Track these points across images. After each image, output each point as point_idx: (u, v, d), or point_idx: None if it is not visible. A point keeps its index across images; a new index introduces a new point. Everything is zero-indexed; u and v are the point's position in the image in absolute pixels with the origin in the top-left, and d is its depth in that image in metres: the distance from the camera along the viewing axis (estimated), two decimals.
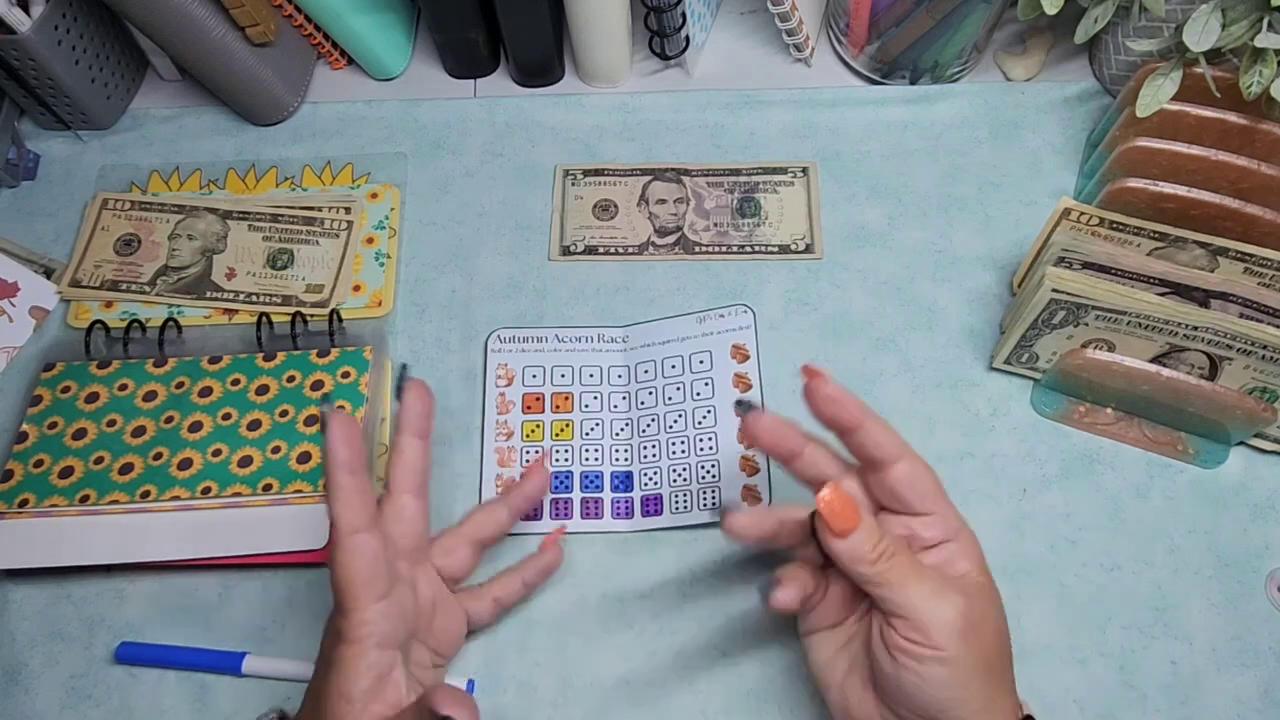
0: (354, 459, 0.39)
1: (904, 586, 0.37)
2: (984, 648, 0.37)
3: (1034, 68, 0.67)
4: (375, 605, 0.39)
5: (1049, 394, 0.55)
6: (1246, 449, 0.53)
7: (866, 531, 0.37)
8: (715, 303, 0.58)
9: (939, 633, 0.36)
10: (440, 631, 0.44)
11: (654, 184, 0.63)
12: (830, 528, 0.37)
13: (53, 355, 0.56)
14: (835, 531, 0.37)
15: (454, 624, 0.45)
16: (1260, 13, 0.50)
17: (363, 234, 0.61)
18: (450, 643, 0.45)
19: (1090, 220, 0.53)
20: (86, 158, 0.65)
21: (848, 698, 0.41)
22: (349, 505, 0.39)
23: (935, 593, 0.37)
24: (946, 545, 0.39)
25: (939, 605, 0.37)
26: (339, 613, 0.39)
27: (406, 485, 0.44)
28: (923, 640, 0.36)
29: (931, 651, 0.36)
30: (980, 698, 0.37)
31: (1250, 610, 0.49)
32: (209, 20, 0.58)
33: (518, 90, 0.68)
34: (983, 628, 0.38)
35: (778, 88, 0.67)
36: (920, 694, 0.37)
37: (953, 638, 0.36)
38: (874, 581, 0.37)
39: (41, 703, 0.48)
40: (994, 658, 0.38)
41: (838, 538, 0.37)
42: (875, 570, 0.37)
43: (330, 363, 0.54)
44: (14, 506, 0.50)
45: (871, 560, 0.37)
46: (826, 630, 0.42)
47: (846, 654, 0.41)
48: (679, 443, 0.53)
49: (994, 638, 0.38)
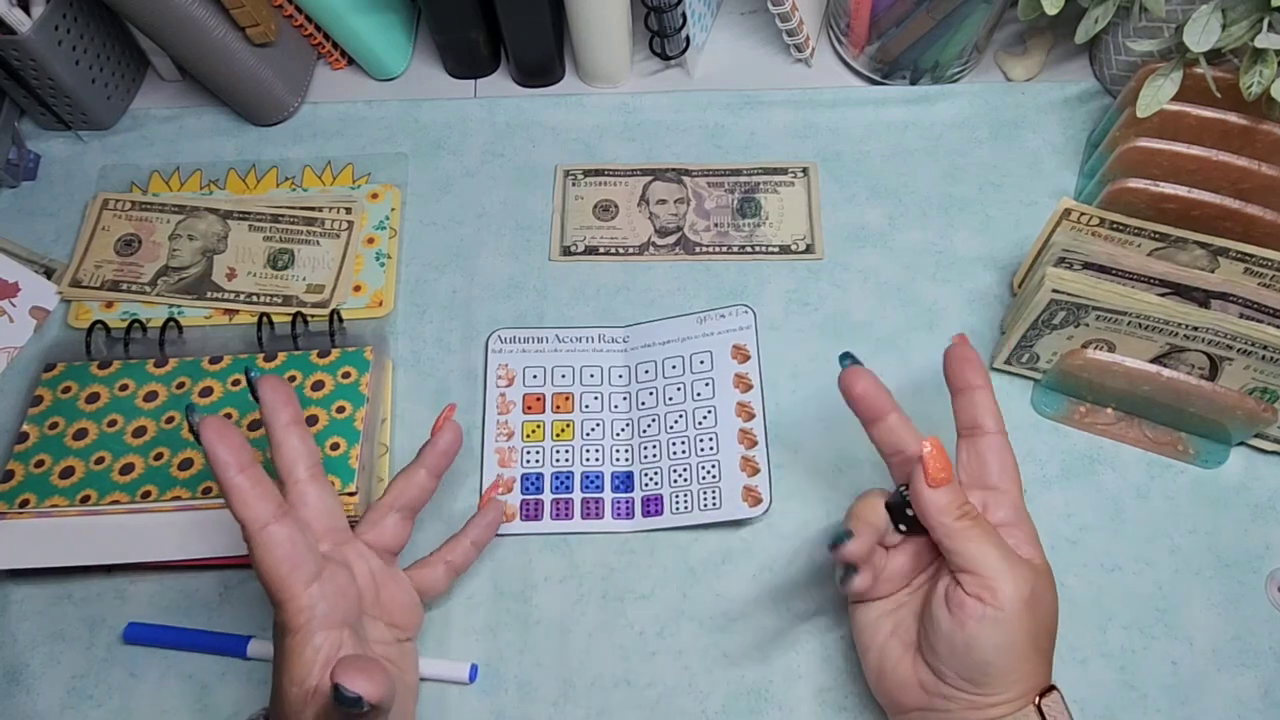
0: (238, 457, 0.39)
1: (981, 544, 0.39)
2: (1038, 623, 0.39)
3: (1034, 68, 0.67)
4: (307, 589, 0.39)
5: (1049, 394, 0.55)
6: (1247, 449, 0.53)
7: (955, 489, 0.40)
8: (716, 303, 0.58)
9: (1005, 594, 0.38)
10: (390, 603, 0.44)
11: (654, 184, 0.63)
12: (928, 474, 0.39)
13: (53, 355, 0.56)
14: (932, 479, 0.39)
15: (402, 594, 0.45)
16: (1260, 13, 0.50)
17: (363, 234, 0.61)
18: (404, 614, 0.45)
19: (1091, 221, 0.53)
20: (87, 158, 0.65)
21: (885, 658, 0.43)
22: (247, 503, 0.39)
23: (1007, 558, 0.39)
24: (1011, 532, 0.41)
25: (1010, 570, 0.39)
26: (276, 607, 0.39)
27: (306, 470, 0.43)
28: (989, 598, 0.38)
29: (994, 611, 0.38)
30: (1023, 667, 0.39)
31: (1250, 610, 0.49)
32: (209, 20, 0.58)
33: (518, 90, 0.68)
34: (1041, 605, 0.40)
35: (778, 88, 0.67)
36: (971, 652, 0.38)
37: (1016, 602, 0.38)
38: (955, 535, 0.39)
39: (43, 703, 0.48)
40: (1043, 636, 0.40)
41: (933, 486, 0.39)
42: (959, 524, 0.39)
43: (331, 363, 0.54)
44: (15, 507, 0.50)
45: (957, 515, 0.39)
46: (876, 600, 0.44)
47: (892, 619, 0.43)
48: (679, 443, 0.53)
49: (1047, 618, 0.40)
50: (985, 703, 0.39)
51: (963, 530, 0.39)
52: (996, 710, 0.39)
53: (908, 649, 0.42)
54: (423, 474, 0.47)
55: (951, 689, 0.39)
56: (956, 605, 0.39)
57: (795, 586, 0.50)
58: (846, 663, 0.48)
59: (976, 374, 0.43)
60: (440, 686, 0.48)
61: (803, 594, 0.50)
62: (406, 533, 0.47)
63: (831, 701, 0.47)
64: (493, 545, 0.51)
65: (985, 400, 0.43)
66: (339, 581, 0.41)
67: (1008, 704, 0.39)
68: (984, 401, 0.43)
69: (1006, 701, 0.39)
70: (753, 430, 0.53)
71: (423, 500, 0.47)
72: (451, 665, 0.48)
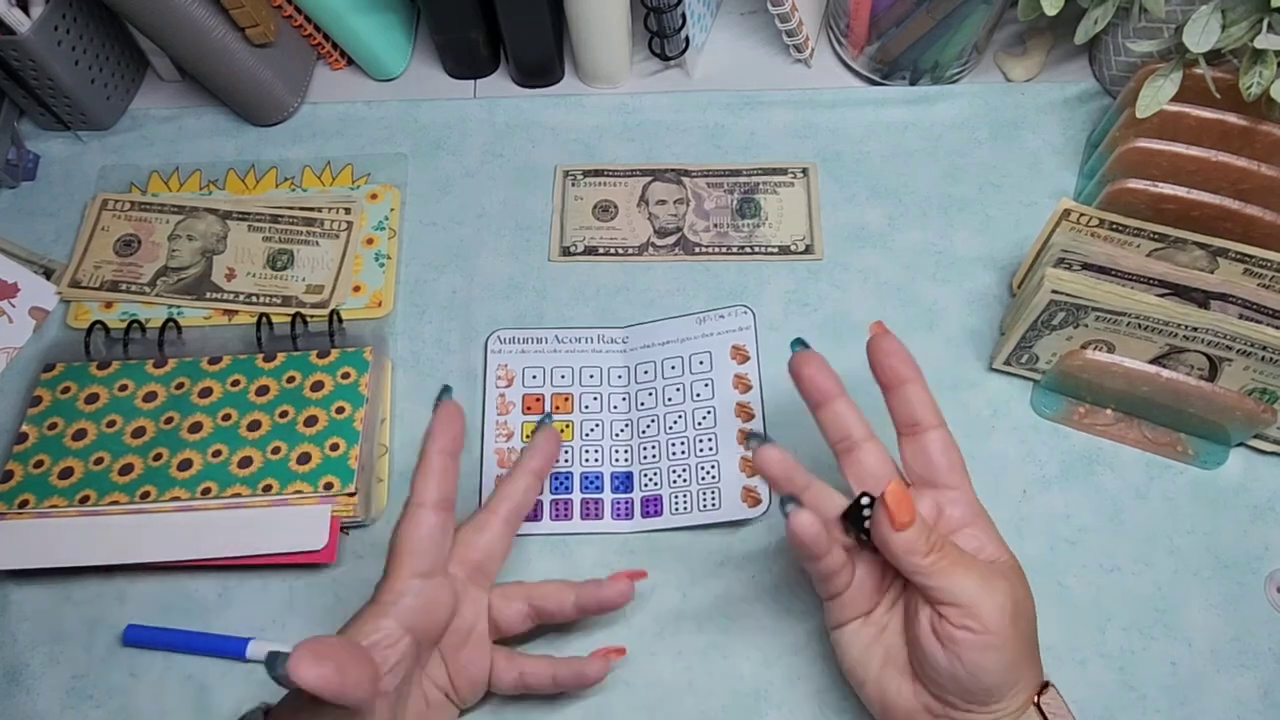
0: (453, 445, 0.43)
1: (955, 576, 0.38)
2: (1026, 627, 0.39)
3: (1034, 68, 0.67)
4: (412, 580, 0.40)
5: (1049, 395, 0.55)
6: (1246, 450, 0.53)
7: (920, 526, 0.38)
8: (715, 303, 0.58)
9: (992, 619, 0.37)
10: (465, 662, 0.43)
11: (654, 185, 0.63)
12: (894, 519, 0.37)
13: (52, 356, 0.56)
14: (898, 524, 0.37)
15: (478, 662, 0.44)
16: (1260, 14, 0.50)
17: (363, 234, 0.61)
18: (468, 680, 0.44)
19: (1090, 221, 0.53)
20: (86, 158, 0.65)
21: (885, 690, 0.41)
22: (429, 480, 0.42)
23: (984, 580, 0.38)
24: (972, 531, 0.41)
25: (989, 593, 0.38)
26: (382, 579, 0.41)
27: (507, 510, 0.45)
28: (978, 627, 0.37)
29: (986, 638, 0.37)
30: (1022, 673, 0.38)
31: (1250, 611, 0.49)
32: (209, 21, 0.58)
33: (518, 91, 0.68)
34: (1023, 608, 0.39)
35: (778, 88, 0.67)
36: (976, 680, 0.38)
37: (1003, 621, 0.37)
38: (927, 573, 0.38)
39: (43, 703, 0.48)
40: (1031, 634, 0.40)
41: (899, 530, 0.37)
42: (928, 562, 0.38)
43: (330, 363, 0.54)
44: (14, 507, 0.50)
45: (925, 552, 0.38)
46: (856, 622, 0.42)
47: (880, 646, 0.42)
48: (679, 443, 0.53)
49: (1030, 615, 0.40)
50: (992, 716, 0.39)
51: (933, 566, 0.38)
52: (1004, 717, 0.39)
53: (904, 675, 0.41)
54: (570, 598, 0.45)
55: (959, 711, 0.39)
56: (948, 640, 0.38)
57: (795, 587, 0.50)
58: None
59: (905, 366, 0.41)
60: None
61: (803, 594, 0.50)
62: (523, 628, 0.45)
63: (831, 702, 0.47)
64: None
65: (920, 394, 0.41)
66: (440, 597, 0.41)
67: (1014, 713, 0.39)
68: (919, 395, 0.41)
69: (1013, 711, 0.39)
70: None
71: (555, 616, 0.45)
72: None
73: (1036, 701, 0.39)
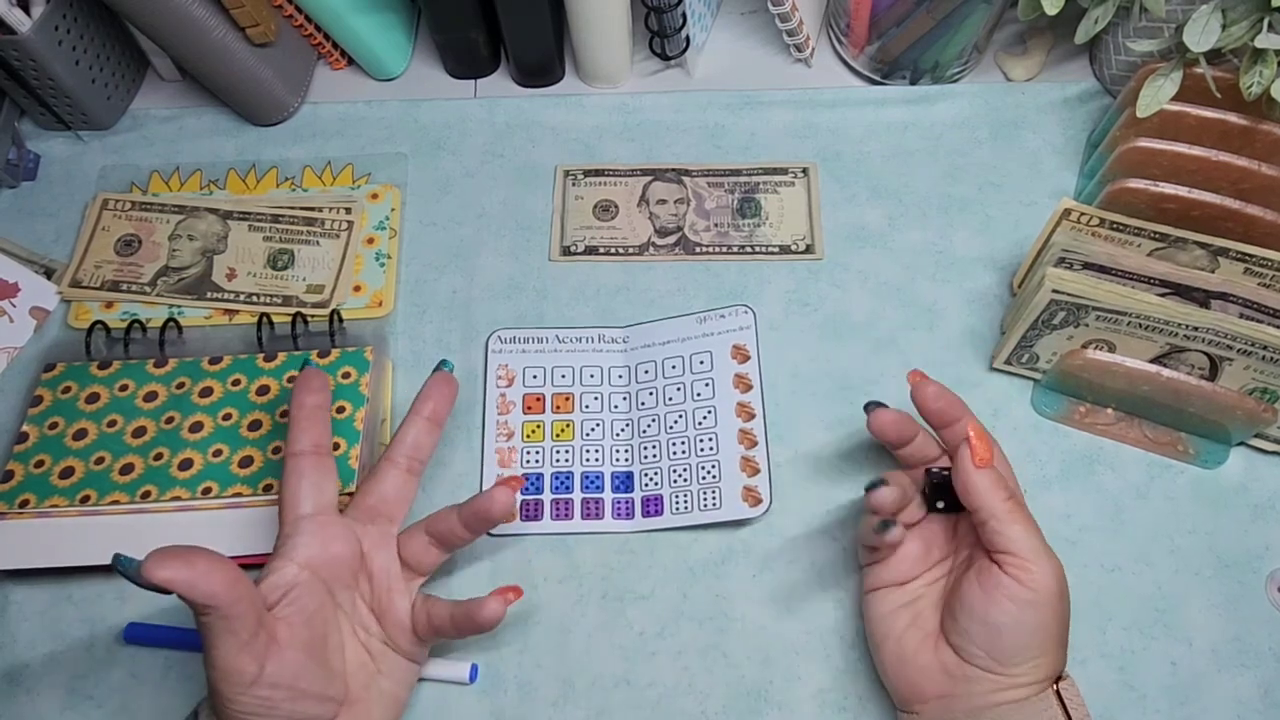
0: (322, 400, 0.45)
1: (1024, 527, 0.41)
2: (1064, 608, 0.41)
3: (1034, 68, 0.67)
4: (298, 521, 0.42)
5: (1049, 394, 0.55)
6: (1247, 449, 0.53)
7: (997, 472, 0.42)
8: (716, 303, 0.58)
9: (1042, 578, 0.40)
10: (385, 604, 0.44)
11: (654, 184, 0.63)
12: (975, 455, 0.41)
13: (53, 356, 0.56)
14: (980, 459, 0.41)
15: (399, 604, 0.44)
16: (1260, 13, 0.50)
17: (363, 234, 0.61)
18: (394, 623, 0.44)
19: (1091, 221, 0.53)
20: (87, 158, 0.65)
21: (904, 646, 0.44)
22: (302, 430, 0.44)
23: (1045, 546, 0.41)
24: None
25: (1048, 556, 0.41)
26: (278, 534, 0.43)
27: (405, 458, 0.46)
28: (1028, 580, 0.40)
29: (1031, 594, 0.39)
30: (1048, 651, 0.40)
31: (1250, 611, 0.49)
32: (209, 20, 0.58)
33: (518, 90, 0.68)
34: (1066, 591, 0.41)
35: (778, 88, 0.67)
36: (1004, 634, 0.40)
37: (1051, 587, 0.40)
38: (1002, 515, 0.41)
39: (43, 703, 0.48)
40: (1066, 617, 0.41)
41: (980, 467, 0.41)
42: (1005, 505, 0.41)
43: (331, 363, 0.54)
44: (15, 507, 0.50)
45: (1005, 496, 0.41)
46: (892, 588, 0.45)
47: (909, 611, 0.44)
48: (679, 443, 0.53)
49: (1068, 602, 0.42)
50: (1009, 683, 0.40)
51: (1009, 511, 0.41)
52: (1019, 692, 0.40)
53: (928, 636, 0.43)
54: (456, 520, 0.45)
55: (977, 670, 0.40)
56: (993, 584, 0.40)
57: (795, 586, 0.50)
58: (846, 663, 0.48)
59: (956, 408, 0.44)
60: (440, 686, 0.48)
61: (803, 594, 0.50)
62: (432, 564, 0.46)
63: (831, 702, 0.47)
64: (493, 546, 0.51)
65: (974, 424, 0.44)
66: (331, 532, 0.43)
67: (1029, 686, 0.40)
68: (973, 424, 0.44)
69: (1029, 684, 0.40)
70: (753, 430, 0.53)
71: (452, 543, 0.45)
72: (451, 665, 0.48)
73: (1056, 688, 0.40)
